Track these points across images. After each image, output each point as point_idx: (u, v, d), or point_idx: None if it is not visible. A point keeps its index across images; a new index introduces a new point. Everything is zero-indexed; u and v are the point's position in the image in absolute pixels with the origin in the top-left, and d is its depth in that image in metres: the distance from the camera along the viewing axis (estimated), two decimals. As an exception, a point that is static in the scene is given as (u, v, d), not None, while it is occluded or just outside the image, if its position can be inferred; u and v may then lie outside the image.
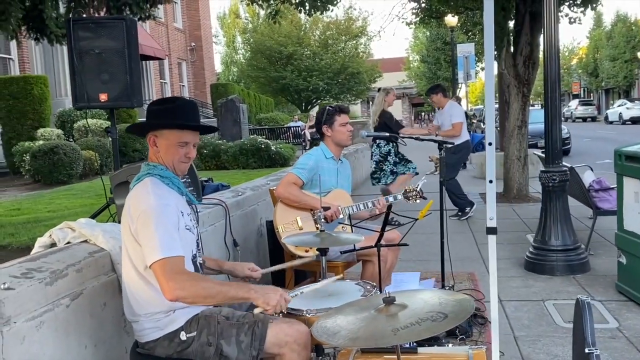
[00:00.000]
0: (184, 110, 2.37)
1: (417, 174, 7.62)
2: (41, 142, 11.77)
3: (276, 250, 4.30)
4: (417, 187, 3.91)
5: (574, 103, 47.22)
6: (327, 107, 4.05)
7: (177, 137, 2.33)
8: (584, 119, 43.26)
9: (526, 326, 3.86)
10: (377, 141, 7.51)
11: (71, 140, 13.32)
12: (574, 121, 42.24)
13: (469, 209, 7.50)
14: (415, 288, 4.05)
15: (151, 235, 2.08)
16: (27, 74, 14.38)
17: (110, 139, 4.81)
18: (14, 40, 7.03)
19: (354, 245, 3.33)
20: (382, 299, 1.88)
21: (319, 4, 8.28)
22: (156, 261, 2.05)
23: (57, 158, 10.88)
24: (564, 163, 5.17)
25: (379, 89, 7.88)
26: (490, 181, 1.93)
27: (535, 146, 13.65)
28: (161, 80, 26.14)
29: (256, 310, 2.18)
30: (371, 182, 7.76)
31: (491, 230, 1.96)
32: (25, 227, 5.77)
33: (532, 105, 17.66)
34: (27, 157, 11.16)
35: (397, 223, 5.66)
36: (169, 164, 2.34)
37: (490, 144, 1.86)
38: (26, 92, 12.85)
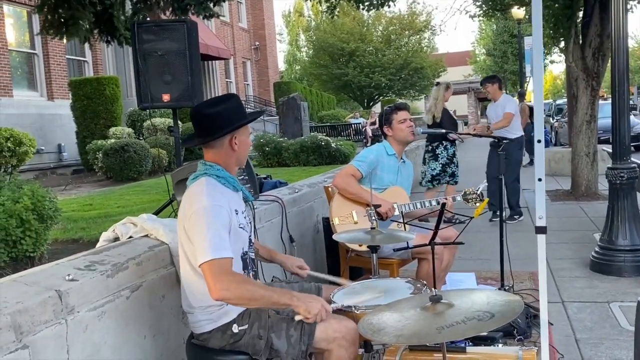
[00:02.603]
0: (242, 104, 2.47)
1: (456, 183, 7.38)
2: (113, 140, 12.28)
3: (332, 247, 4.34)
4: (477, 190, 3.86)
5: (652, 96, 44.79)
6: (385, 108, 4.12)
7: (248, 130, 2.48)
8: (664, 113, 40.94)
9: (589, 328, 3.73)
10: (444, 142, 7.24)
11: (141, 138, 13.82)
12: (651, 115, 40.08)
13: (517, 217, 7.21)
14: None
15: (202, 235, 2.15)
16: (100, 75, 15.03)
17: (174, 138, 4.98)
18: (87, 43, 7.39)
19: (407, 243, 3.33)
20: (429, 297, 1.88)
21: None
22: (205, 262, 2.11)
23: (127, 156, 11.33)
24: (633, 159, 4.95)
25: (437, 83, 7.62)
26: (540, 179, 1.88)
27: (608, 142, 13.06)
28: (226, 80, 26.70)
29: (297, 317, 2.23)
30: (431, 184, 7.25)
31: (540, 230, 1.91)
32: (96, 221, 6.04)
33: (605, 99, 16.87)
34: (100, 155, 11.68)
35: (457, 221, 5.58)
36: (233, 162, 2.42)
37: (539, 141, 1.82)
38: (99, 93, 13.41)
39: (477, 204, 3.89)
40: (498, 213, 7.10)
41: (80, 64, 16.43)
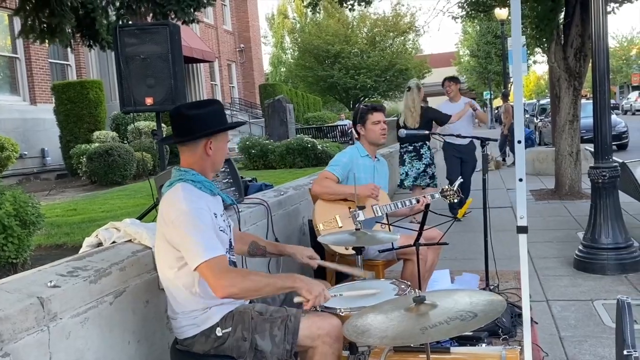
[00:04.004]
0: (223, 111, 2.46)
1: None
2: (97, 144, 12.18)
3: (318, 249, 4.32)
4: (454, 187, 3.88)
5: (633, 95, 45.24)
6: (361, 106, 4.09)
7: (227, 137, 2.46)
8: (645, 112, 41.40)
9: (573, 326, 3.76)
10: (427, 143, 7.21)
11: (125, 142, 13.72)
12: (633, 114, 40.51)
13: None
14: (448, 286, 4.01)
15: (191, 239, 2.13)
16: (83, 79, 14.91)
17: (157, 141, 4.95)
18: (69, 47, 7.33)
19: (392, 244, 3.34)
20: (412, 298, 1.89)
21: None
22: (202, 263, 2.10)
23: (111, 160, 11.25)
24: (615, 158, 5.01)
25: (409, 88, 7.07)
26: (520, 179, 1.91)
27: (591, 141, 13.19)
28: (211, 82, 26.61)
29: (296, 299, 2.25)
30: (416, 182, 7.04)
31: (521, 229, 1.94)
32: (80, 227, 6.01)
33: (588, 99, 17.05)
34: (84, 159, 11.58)
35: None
36: (208, 166, 2.40)
37: (519, 141, 1.84)
38: (82, 97, 13.29)
39: (455, 200, 3.92)
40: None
41: (63, 68, 16.28)
